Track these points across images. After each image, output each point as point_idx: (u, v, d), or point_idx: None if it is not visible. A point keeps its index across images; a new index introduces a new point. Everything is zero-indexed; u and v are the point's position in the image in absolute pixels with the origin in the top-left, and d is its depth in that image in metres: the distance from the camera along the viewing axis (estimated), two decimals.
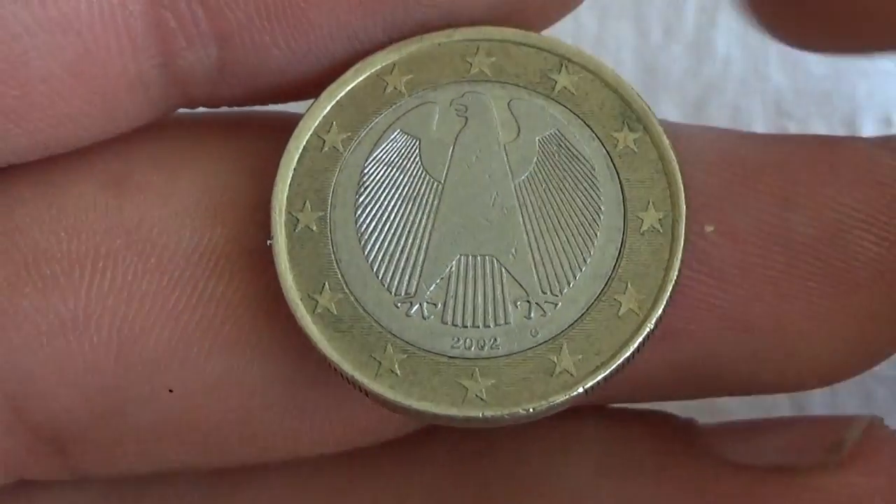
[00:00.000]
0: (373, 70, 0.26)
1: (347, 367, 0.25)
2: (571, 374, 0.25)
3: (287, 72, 0.26)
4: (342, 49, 0.26)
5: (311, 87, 0.26)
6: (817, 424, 0.29)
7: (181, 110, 0.27)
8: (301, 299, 0.25)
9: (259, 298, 0.26)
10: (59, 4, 0.24)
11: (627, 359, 0.25)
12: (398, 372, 0.25)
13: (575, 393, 0.24)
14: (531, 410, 0.24)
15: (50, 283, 0.25)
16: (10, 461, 0.27)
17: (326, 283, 0.25)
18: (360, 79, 0.26)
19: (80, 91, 0.25)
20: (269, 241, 0.25)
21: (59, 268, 0.25)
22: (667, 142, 0.26)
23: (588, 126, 0.26)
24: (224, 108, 0.27)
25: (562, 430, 0.29)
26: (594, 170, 0.26)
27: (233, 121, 0.27)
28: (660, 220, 0.25)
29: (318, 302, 0.25)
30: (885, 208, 0.25)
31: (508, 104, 0.26)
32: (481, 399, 0.24)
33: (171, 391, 0.26)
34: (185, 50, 0.25)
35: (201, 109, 0.27)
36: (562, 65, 0.26)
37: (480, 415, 0.24)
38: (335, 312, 0.25)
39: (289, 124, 0.26)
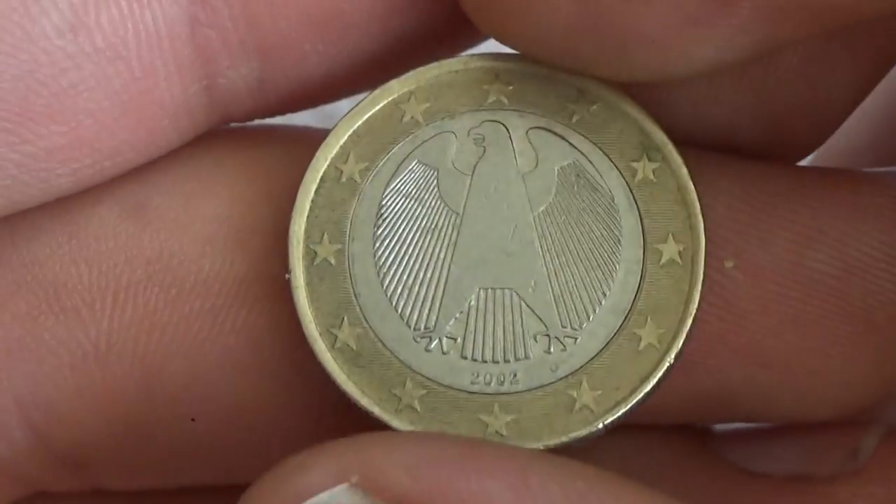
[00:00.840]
0: (390, 98, 0.26)
1: (367, 402, 0.25)
2: (591, 410, 0.25)
3: (325, 76, 0.26)
4: (378, 45, 0.25)
5: (347, 86, 0.26)
6: (834, 432, 0.28)
7: None
8: (321, 334, 0.25)
9: (280, 328, 0.26)
10: (106, 33, 0.23)
11: (647, 394, 0.25)
12: (418, 408, 0.25)
13: (595, 429, 0.24)
14: (551, 446, 0.24)
15: (71, 314, 0.25)
16: (32, 479, 0.27)
17: (346, 318, 0.25)
18: (377, 108, 0.26)
19: (127, 123, 0.24)
20: (287, 275, 0.25)
21: (80, 299, 0.25)
22: (686, 172, 0.26)
23: (607, 156, 0.26)
24: (251, 122, 0.27)
25: None
26: (613, 200, 0.26)
27: (253, 142, 0.27)
28: (679, 252, 0.25)
29: (337, 336, 0.25)
30: None
31: (527, 133, 0.26)
32: (501, 435, 0.24)
33: (193, 420, 0.26)
34: (228, 69, 0.25)
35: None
36: (580, 93, 0.26)
37: None
38: (354, 347, 0.25)
39: (311, 142, 0.26)
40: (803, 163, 0.28)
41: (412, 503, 0.21)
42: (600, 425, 0.24)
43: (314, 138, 0.26)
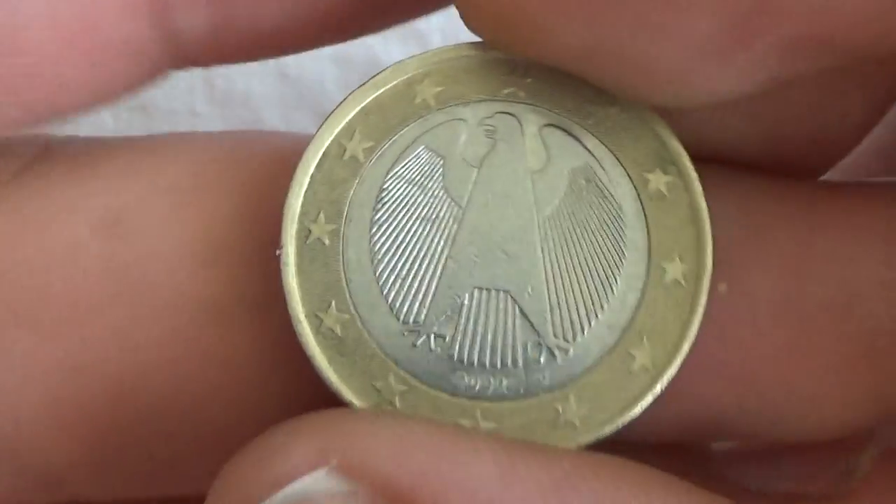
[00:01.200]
0: (403, 77, 0.25)
1: (346, 392, 0.24)
2: (574, 427, 0.24)
3: (283, 23, 0.25)
4: None
5: (309, 37, 0.25)
6: (829, 451, 0.28)
7: (177, 130, 0.26)
8: (306, 316, 0.24)
9: (258, 348, 0.25)
10: None
11: (634, 418, 0.24)
12: (398, 404, 0.24)
13: (574, 446, 0.24)
14: None
15: (42, 328, 0.24)
16: (7, 496, 0.27)
17: (333, 302, 0.24)
18: (389, 86, 0.25)
19: (75, 58, 0.24)
20: (277, 252, 0.24)
21: (51, 314, 0.24)
22: (699, 189, 0.25)
23: (620, 163, 0.25)
24: (232, 131, 0.26)
25: None
26: (622, 210, 0.25)
27: (234, 153, 0.26)
28: (684, 273, 0.24)
29: (322, 321, 0.24)
30: None
31: (540, 130, 0.25)
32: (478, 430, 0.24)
33: (169, 437, 0.25)
34: (183, 11, 0.24)
35: (197, 125, 0.26)
36: (598, 93, 0.25)
37: None
38: (339, 334, 0.24)
39: (295, 152, 0.25)
40: None
41: (396, 490, 0.20)
42: (582, 444, 0.24)
43: (297, 149, 0.25)
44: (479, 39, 0.25)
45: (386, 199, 0.25)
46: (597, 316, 0.24)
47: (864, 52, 0.22)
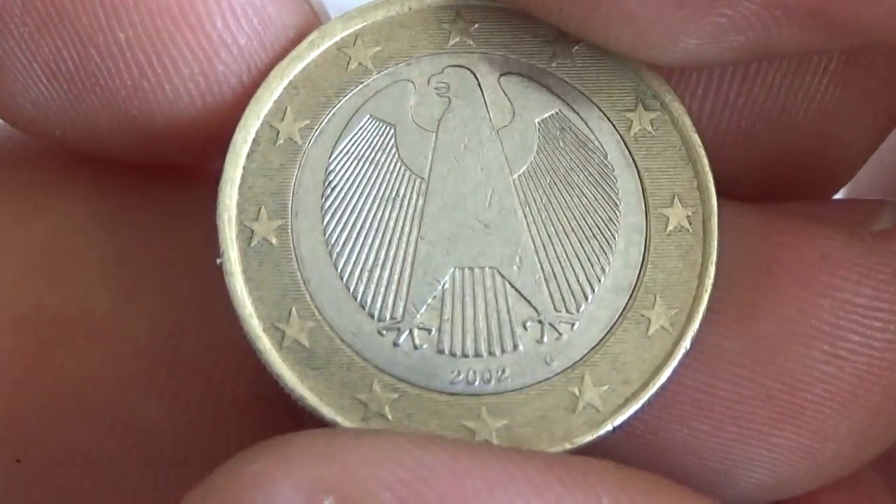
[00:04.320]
0: (331, 42, 0.22)
1: (327, 410, 0.20)
2: (598, 410, 0.21)
3: None
4: None
5: None
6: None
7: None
8: (264, 330, 0.20)
9: (105, 369, 0.22)
10: None
11: (662, 386, 0.21)
12: (389, 415, 0.20)
13: (603, 431, 0.20)
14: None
15: None
16: None
17: (293, 310, 0.21)
18: (316, 53, 0.22)
19: None
20: (218, 260, 0.21)
21: None
22: (690, 122, 0.22)
23: (596, 105, 0.22)
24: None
25: None
26: (606, 157, 0.22)
27: (91, 159, 0.23)
28: (688, 216, 0.21)
29: (285, 333, 0.20)
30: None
31: (499, 80, 0.22)
32: (491, 444, 0.20)
33: (18, 461, 0.22)
34: None
35: None
36: (559, 31, 0.22)
37: None
38: (307, 345, 0.20)
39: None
40: None
41: None
42: (609, 427, 0.20)
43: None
44: None
45: (335, 182, 0.21)
46: (599, 280, 0.21)
47: (858, 35, 0.20)
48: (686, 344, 0.21)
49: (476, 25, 0.22)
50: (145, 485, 0.23)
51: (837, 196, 0.26)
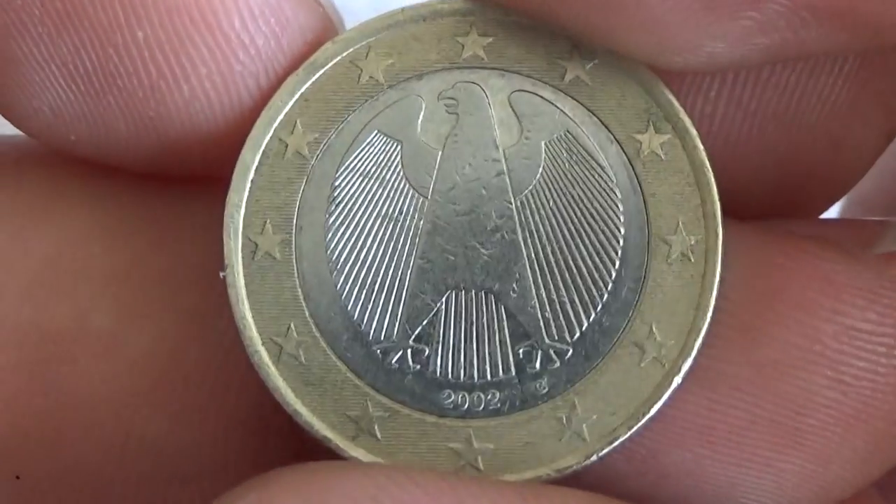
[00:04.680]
0: (344, 54, 0.22)
1: (319, 426, 0.21)
2: (584, 439, 0.21)
3: None
4: None
5: None
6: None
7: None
8: (263, 343, 0.21)
9: (106, 385, 0.22)
10: None
11: (650, 419, 0.21)
12: (378, 434, 0.21)
13: (588, 462, 0.21)
14: (535, 481, 0.21)
15: None
16: None
17: (292, 325, 0.21)
18: (329, 66, 0.22)
19: None
20: (222, 273, 0.21)
21: None
22: (701, 147, 0.21)
23: (605, 126, 0.21)
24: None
25: None
26: (612, 181, 0.21)
27: (100, 171, 0.23)
28: (691, 245, 0.21)
29: (282, 347, 0.21)
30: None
31: (509, 97, 0.22)
32: (476, 468, 0.21)
33: (17, 477, 0.23)
34: None
35: None
36: (574, 47, 0.21)
37: None
38: (303, 360, 0.21)
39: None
40: None
41: None
42: (594, 457, 0.21)
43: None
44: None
45: (340, 199, 0.21)
46: (595, 308, 0.21)
47: (883, 35, 0.20)
48: (678, 378, 0.21)
49: (490, 40, 0.22)
50: (146, 502, 0.23)
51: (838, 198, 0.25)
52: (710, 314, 0.21)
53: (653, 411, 0.21)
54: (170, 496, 0.23)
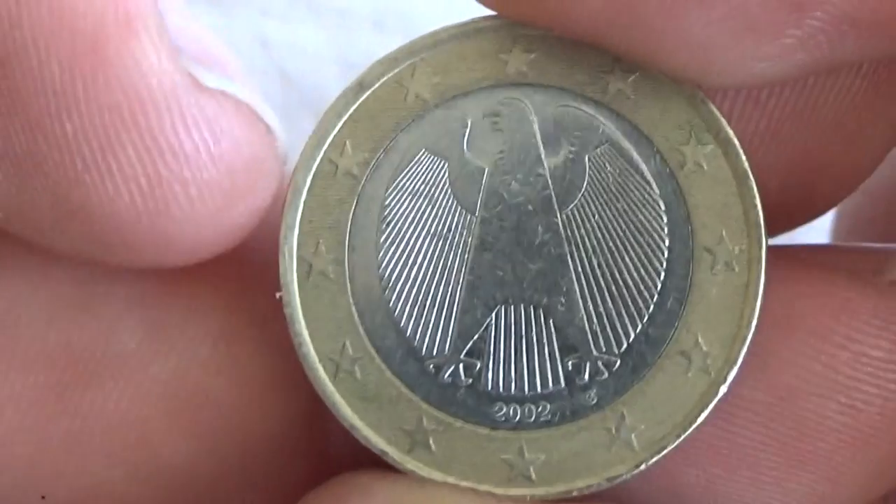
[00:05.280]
0: (390, 74, 0.22)
1: (377, 440, 0.22)
2: (633, 449, 0.21)
3: None
4: None
5: None
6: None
7: None
8: (321, 361, 0.22)
9: (131, 410, 0.23)
10: None
11: (697, 427, 0.21)
12: (433, 447, 0.22)
13: (637, 470, 0.21)
14: (585, 490, 0.21)
15: None
16: None
17: (347, 342, 0.22)
18: (376, 86, 0.22)
19: None
20: (278, 295, 0.22)
21: None
22: (744, 157, 0.22)
23: (647, 138, 0.22)
24: None
25: None
26: (656, 193, 0.22)
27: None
28: (735, 255, 0.21)
29: (339, 365, 0.22)
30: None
31: (552, 113, 0.22)
32: (528, 479, 0.21)
33: (43, 498, 0.23)
34: None
35: None
36: (615, 61, 0.22)
37: (528, 497, 0.21)
38: (359, 377, 0.22)
39: None
40: None
41: None
42: (643, 466, 0.21)
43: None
44: (465, 18, 0.22)
45: (390, 218, 0.22)
46: (641, 319, 0.22)
47: None
48: (724, 387, 0.21)
49: (532, 56, 0.22)
50: None
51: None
52: (754, 323, 0.21)
53: (700, 420, 0.21)
54: None
